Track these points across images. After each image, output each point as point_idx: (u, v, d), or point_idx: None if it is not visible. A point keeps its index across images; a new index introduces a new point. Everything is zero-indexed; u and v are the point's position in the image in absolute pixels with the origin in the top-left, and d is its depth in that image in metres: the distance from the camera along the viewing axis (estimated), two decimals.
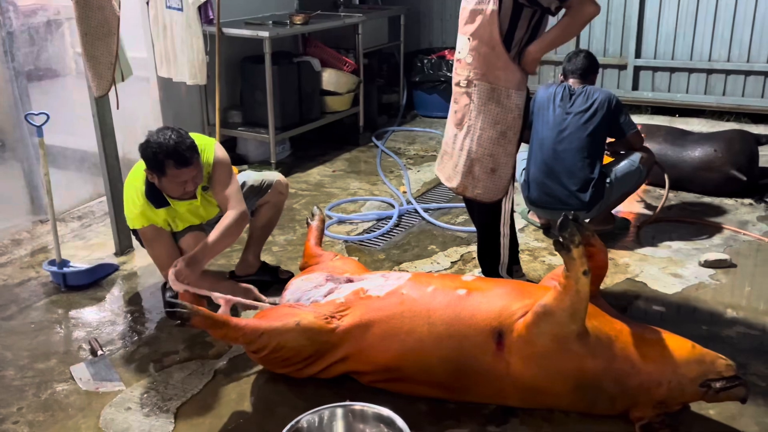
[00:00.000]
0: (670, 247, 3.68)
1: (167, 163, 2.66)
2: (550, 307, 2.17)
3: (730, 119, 5.86)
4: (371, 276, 2.65)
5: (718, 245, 3.68)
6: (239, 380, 2.63)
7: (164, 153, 2.64)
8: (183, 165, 2.68)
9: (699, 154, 4.29)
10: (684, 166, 4.31)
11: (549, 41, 2.73)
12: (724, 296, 3.17)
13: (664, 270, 3.43)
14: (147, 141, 2.69)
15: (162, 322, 3.04)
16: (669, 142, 4.39)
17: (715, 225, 3.92)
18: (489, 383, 2.33)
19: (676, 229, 3.89)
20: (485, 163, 2.86)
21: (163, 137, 2.66)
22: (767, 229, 3.86)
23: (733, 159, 4.21)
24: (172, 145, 2.64)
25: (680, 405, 2.29)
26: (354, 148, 5.63)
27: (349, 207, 4.38)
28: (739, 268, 3.42)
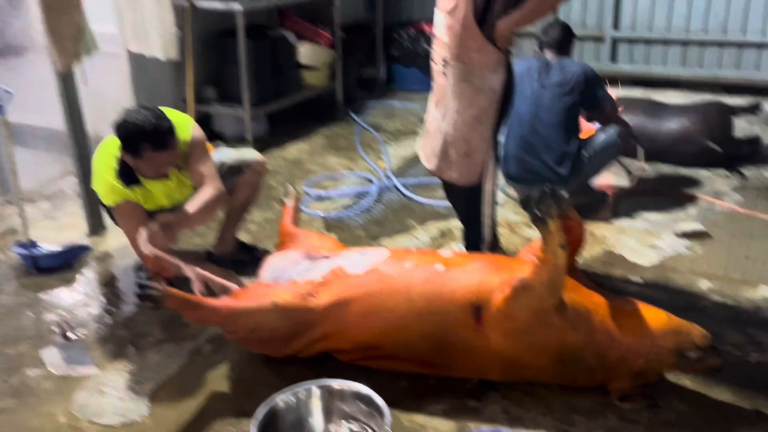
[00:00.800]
0: (647, 219, 3.67)
1: (144, 145, 2.58)
2: (527, 281, 2.14)
3: (706, 91, 5.85)
4: (349, 253, 2.60)
5: (694, 216, 3.69)
6: (217, 361, 2.59)
7: (141, 135, 2.56)
8: (160, 149, 2.60)
9: (676, 126, 4.28)
10: (661, 138, 4.30)
11: (519, 16, 2.60)
12: (699, 266, 3.17)
13: (641, 241, 3.43)
14: (123, 120, 2.60)
15: (136, 304, 2.98)
16: (647, 115, 4.37)
17: (691, 196, 3.92)
18: (470, 358, 2.32)
19: (652, 200, 3.89)
20: (459, 146, 2.80)
21: (140, 118, 2.57)
22: (742, 200, 3.87)
23: (709, 131, 4.21)
24: (150, 127, 2.56)
25: (657, 375, 2.30)
26: (332, 124, 5.55)
27: (327, 183, 4.32)
28: (714, 239, 3.43)
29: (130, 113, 2.60)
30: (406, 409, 2.29)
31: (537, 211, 2.05)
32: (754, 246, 3.36)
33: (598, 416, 2.23)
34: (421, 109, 5.83)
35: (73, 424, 2.28)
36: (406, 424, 2.23)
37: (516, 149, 3.60)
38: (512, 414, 2.27)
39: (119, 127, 2.60)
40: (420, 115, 5.77)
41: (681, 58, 5.96)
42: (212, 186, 2.74)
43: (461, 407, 2.30)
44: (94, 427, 2.26)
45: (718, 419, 2.20)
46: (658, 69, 6.04)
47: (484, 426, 2.21)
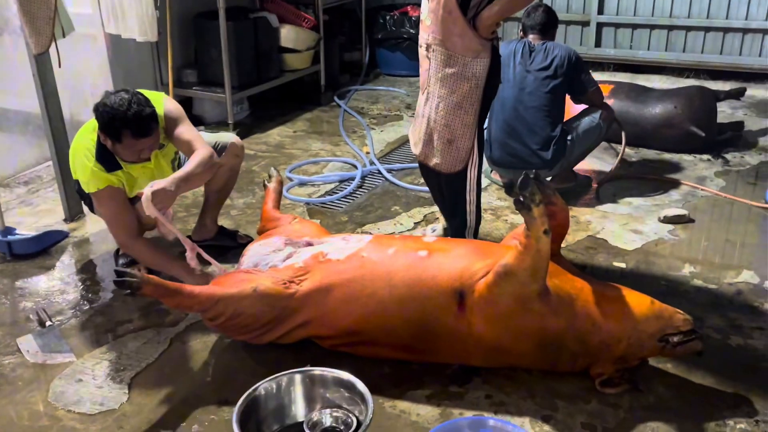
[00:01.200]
0: (630, 204, 3.68)
1: (124, 132, 2.54)
2: (510, 267, 2.14)
3: (690, 76, 5.87)
4: (331, 239, 2.58)
5: (676, 201, 3.70)
6: (197, 348, 2.57)
7: (122, 121, 2.52)
8: (141, 136, 2.57)
9: (660, 110, 4.29)
10: (645, 123, 4.30)
11: (503, 6, 2.54)
12: (682, 251, 3.19)
13: (624, 226, 3.44)
14: (103, 104, 2.54)
15: (116, 291, 2.94)
16: (631, 99, 4.37)
17: (674, 181, 3.93)
18: (452, 344, 2.31)
19: (636, 185, 3.90)
20: (442, 133, 2.77)
21: (121, 103, 2.51)
22: (724, 185, 3.89)
23: (693, 115, 4.22)
24: (131, 114, 2.51)
25: (639, 360, 2.31)
26: (315, 108, 5.50)
27: (310, 168, 4.29)
28: (697, 223, 3.45)
29: (110, 97, 2.54)
30: (388, 395, 2.28)
31: (520, 197, 2.04)
32: (735, 230, 3.38)
33: (579, 401, 2.24)
34: (406, 94, 5.85)
35: (50, 412, 2.25)
36: (389, 411, 2.23)
37: (499, 133, 3.58)
38: (495, 399, 2.27)
39: (99, 111, 2.55)
40: (404, 99, 5.76)
41: (665, 42, 5.97)
42: (203, 148, 2.70)
43: (444, 393, 2.30)
44: (72, 415, 2.23)
45: (699, 403, 2.22)
46: (643, 54, 6.04)
47: (467, 412, 2.21)
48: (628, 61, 6.09)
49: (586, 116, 3.66)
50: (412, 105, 5.61)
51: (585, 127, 3.61)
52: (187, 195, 3.77)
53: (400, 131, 4.97)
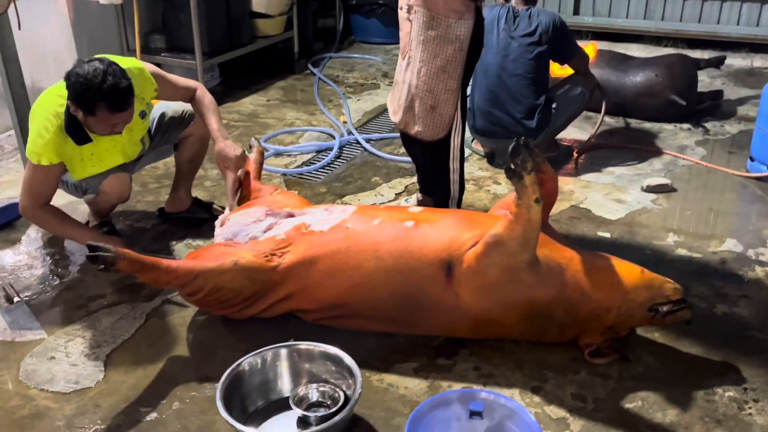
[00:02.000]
0: (612, 173, 3.68)
1: (99, 105, 2.39)
2: (500, 237, 2.11)
3: (668, 44, 5.87)
4: (313, 210, 2.53)
5: (659, 170, 3.71)
6: (174, 323, 2.51)
7: (96, 94, 2.37)
8: (117, 110, 2.43)
9: (640, 79, 4.28)
10: (625, 91, 4.29)
11: None
12: (666, 221, 3.20)
13: (607, 196, 3.44)
14: (76, 73, 2.38)
15: (85, 264, 2.85)
16: (611, 67, 4.35)
17: (655, 150, 3.94)
18: (439, 316, 2.29)
19: (618, 155, 3.90)
20: (424, 99, 2.72)
21: (95, 74, 2.35)
22: (705, 153, 3.91)
23: (674, 84, 4.22)
24: (107, 87, 2.36)
25: (628, 330, 2.32)
26: (289, 76, 5.39)
27: (286, 138, 4.20)
28: (679, 193, 3.46)
29: (83, 66, 2.39)
30: (375, 368, 2.25)
31: (511, 165, 2.00)
32: (717, 199, 3.40)
33: (568, 371, 2.24)
34: (382, 62, 5.76)
35: (21, 392, 2.17)
36: (376, 384, 2.20)
37: (482, 102, 3.54)
38: (483, 371, 2.25)
39: (72, 81, 2.40)
40: (381, 68, 5.67)
41: (644, 10, 5.95)
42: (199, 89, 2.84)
43: (431, 365, 2.28)
44: (45, 394, 2.16)
45: (687, 371, 2.23)
46: (621, 22, 6.02)
47: (456, 384, 2.20)
48: (607, 30, 6.07)
49: (569, 84, 3.63)
50: (389, 73, 5.54)
51: (568, 94, 3.58)
52: (158, 165, 3.66)
53: (378, 100, 4.90)
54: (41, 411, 2.10)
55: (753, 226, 3.14)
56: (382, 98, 4.93)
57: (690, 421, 2.03)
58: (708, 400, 2.11)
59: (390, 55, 6.03)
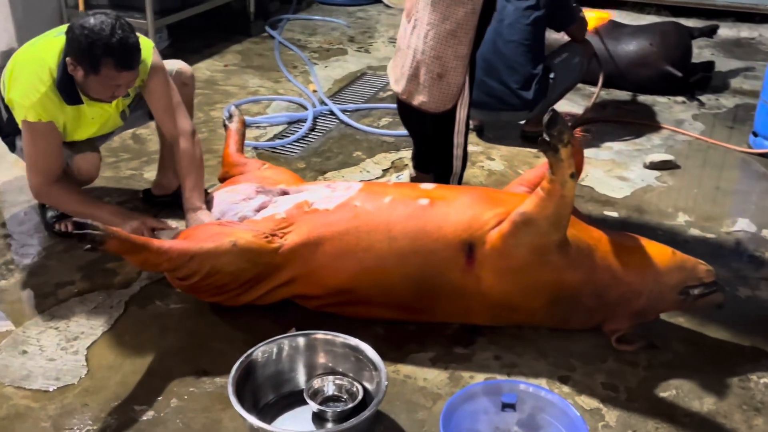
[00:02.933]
0: (611, 149, 3.76)
1: (105, 61, 2.33)
2: (531, 215, 2.13)
3: (651, 12, 6.00)
4: (314, 187, 2.50)
5: (659, 146, 3.81)
6: (157, 312, 2.46)
7: (105, 49, 2.31)
8: (125, 68, 2.37)
9: (634, 48, 4.37)
10: (618, 61, 4.36)
11: None
12: (673, 199, 3.30)
13: (609, 173, 3.51)
14: (81, 25, 2.33)
15: (48, 248, 2.75)
16: (602, 35, 4.42)
17: (653, 125, 4.04)
18: (456, 301, 2.30)
19: (613, 130, 3.98)
20: (431, 66, 2.71)
21: (103, 27, 2.31)
22: (704, 128, 4.04)
23: (669, 54, 4.32)
24: (116, 42, 2.31)
25: (657, 314, 2.38)
26: (245, 39, 5.28)
27: (252, 108, 4.12)
28: (683, 169, 3.57)
29: (89, 19, 2.34)
30: (389, 359, 2.24)
31: (546, 136, 2.01)
32: (722, 176, 3.53)
33: (595, 359, 2.29)
34: (347, 26, 5.70)
35: None
36: (393, 376, 2.20)
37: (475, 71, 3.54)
38: (505, 360, 2.29)
39: (76, 34, 2.33)
40: (345, 31, 5.61)
41: None
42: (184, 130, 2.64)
43: (448, 355, 2.30)
44: (23, 392, 2.09)
45: (719, 358, 2.32)
46: None
47: (478, 375, 2.22)
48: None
49: (567, 52, 3.68)
50: (356, 37, 5.49)
51: (567, 63, 3.63)
52: None
53: (347, 67, 4.86)
54: (21, 411, 2.02)
55: (764, 204, 3.26)
56: (351, 65, 4.89)
57: (728, 409, 2.12)
58: (743, 387, 2.20)
59: (354, 18, 5.98)
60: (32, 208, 3.01)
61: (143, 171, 3.36)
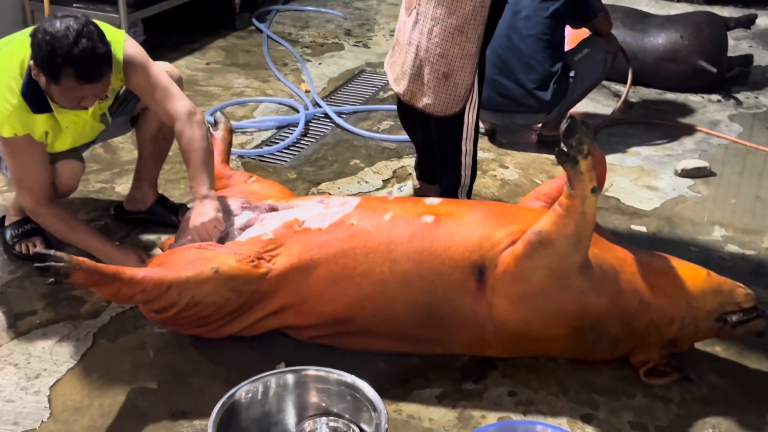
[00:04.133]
0: (638, 154, 3.76)
1: (66, 72, 2.31)
2: (548, 234, 2.12)
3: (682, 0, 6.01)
4: (305, 202, 2.49)
5: (691, 150, 3.81)
6: (130, 345, 2.45)
7: (65, 58, 2.29)
8: (86, 81, 2.35)
9: (663, 41, 4.37)
10: (645, 56, 4.38)
11: None
12: (708, 210, 3.29)
13: (636, 182, 3.51)
14: (44, 30, 2.31)
15: (7, 272, 2.74)
16: (628, 27, 4.43)
17: (685, 127, 4.04)
18: (466, 331, 2.29)
19: (641, 132, 3.99)
20: (436, 65, 2.71)
21: (66, 33, 2.28)
22: (741, 130, 4.03)
23: (702, 47, 4.32)
24: (78, 51, 2.28)
25: (690, 344, 2.37)
26: (229, 33, 5.30)
27: (237, 111, 4.13)
28: (719, 177, 3.57)
29: (54, 23, 2.31)
30: (391, 397, 2.24)
31: (564, 147, 2.00)
32: (764, 185, 3.52)
33: (621, 395, 2.28)
34: (343, 17, 5.72)
35: None
36: (394, 416, 2.19)
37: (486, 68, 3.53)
38: (520, 397, 2.27)
39: (37, 38, 2.31)
40: (342, 24, 5.62)
41: None
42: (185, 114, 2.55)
43: (457, 391, 2.29)
44: None
45: (760, 392, 2.30)
46: None
47: (490, 414, 2.21)
48: None
49: (588, 47, 3.68)
50: (353, 30, 5.50)
51: (589, 60, 3.63)
52: None
53: (344, 64, 4.87)
54: None
55: None
56: (348, 61, 4.90)
57: None
58: None
59: (351, 8, 5.99)
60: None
61: (114, 184, 3.35)
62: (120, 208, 3.08)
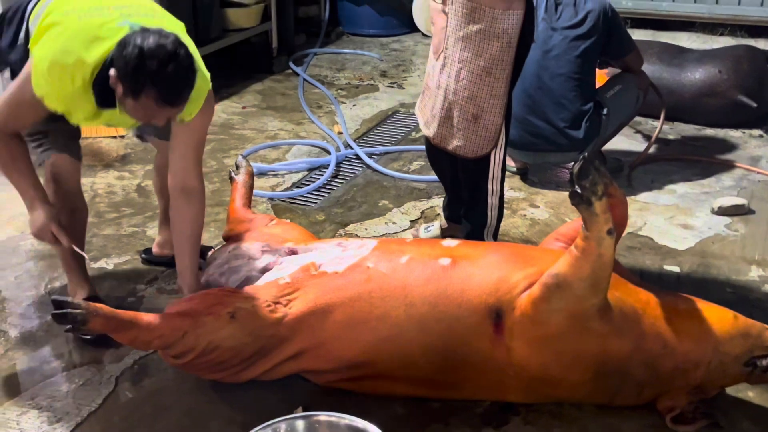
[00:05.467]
0: (674, 192, 3.71)
1: (148, 91, 2.22)
2: (564, 277, 2.10)
3: (725, 33, 5.98)
4: (323, 245, 2.51)
5: (730, 187, 3.75)
6: (151, 389, 2.47)
7: (151, 80, 2.19)
8: (167, 104, 2.27)
9: (700, 76, 4.33)
10: (682, 91, 4.35)
11: None
12: (745, 250, 3.22)
13: (671, 220, 3.45)
14: (135, 44, 2.18)
15: (38, 316, 2.81)
16: (664, 62, 4.41)
17: (723, 163, 3.97)
18: (485, 375, 2.27)
19: (678, 169, 3.94)
20: (465, 107, 2.73)
21: (158, 53, 2.17)
22: None
23: (741, 82, 4.28)
24: (167, 74, 2.19)
25: (718, 389, 2.31)
26: (267, 77, 5.42)
27: (270, 154, 4.20)
28: (758, 215, 3.50)
29: (149, 40, 2.18)
30: None
31: (578, 188, 1.99)
32: None
33: None
34: (379, 59, 5.81)
35: None
36: None
37: (517, 107, 3.51)
38: None
39: (129, 52, 2.18)
40: (378, 65, 5.70)
41: None
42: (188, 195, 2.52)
43: None
44: None
45: None
46: (666, 6, 6.11)
47: None
48: (649, 16, 6.17)
49: (620, 84, 3.67)
50: (388, 72, 5.58)
51: (621, 98, 3.62)
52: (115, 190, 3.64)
53: (378, 105, 4.93)
54: None
55: None
56: (382, 102, 4.96)
57: None
58: None
59: (387, 50, 6.08)
60: (26, 272, 3.09)
61: (146, 228, 3.42)
62: (149, 251, 3.14)
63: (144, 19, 2.34)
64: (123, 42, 2.23)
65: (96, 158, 4.06)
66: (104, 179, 3.86)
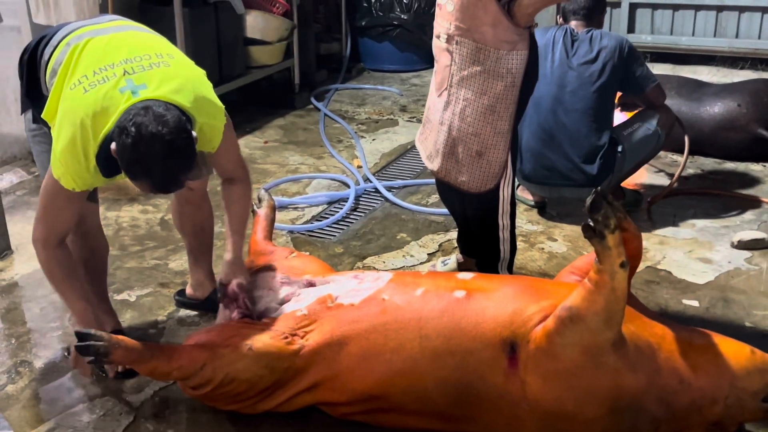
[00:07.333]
0: (693, 226, 3.70)
1: (142, 181, 2.26)
2: (578, 311, 2.10)
3: (745, 66, 5.99)
4: (340, 278, 2.53)
5: (750, 221, 3.73)
6: (170, 421, 2.49)
7: (146, 173, 2.21)
8: (161, 192, 2.34)
9: (719, 110, 4.34)
10: (702, 125, 4.35)
11: None
12: (766, 285, 3.20)
13: (690, 254, 3.44)
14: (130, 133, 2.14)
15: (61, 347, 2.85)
16: (683, 96, 4.43)
17: (744, 197, 3.96)
18: (499, 409, 2.26)
19: (697, 203, 3.93)
20: (469, 144, 2.76)
21: (154, 147, 2.13)
22: None
23: (761, 115, 4.28)
24: (161, 170, 2.20)
25: (737, 426, 2.28)
26: (289, 112, 5.50)
27: (290, 188, 4.25)
28: None
29: (147, 128, 2.14)
30: None
31: (591, 222, 2.00)
32: None
33: None
34: (399, 94, 5.87)
35: None
36: None
37: (533, 141, 3.57)
38: None
39: (124, 140, 2.16)
40: (398, 100, 5.77)
41: (714, 26, 6.06)
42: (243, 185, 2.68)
43: None
44: None
45: None
46: (686, 41, 6.14)
47: None
48: (669, 50, 6.20)
49: (639, 121, 3.68)
50: (408, 107, 5.64)
51: (639, 134, 3.63)
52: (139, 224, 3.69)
53: (397, 139, 4.98)
54: None
55: None
56: (402, 137, 5.01)
57: None
58: None
59: (407, 85, 6.15)
60: (50, 303, 3.14)
61: (168, 260, 3.47)
62: (182, 293, 3.10)
63: (151, 75, 2.31)
64: (121, 124, 2.19)
65: (121, 192, 4.13)
66: (129, 213, 3.93)
